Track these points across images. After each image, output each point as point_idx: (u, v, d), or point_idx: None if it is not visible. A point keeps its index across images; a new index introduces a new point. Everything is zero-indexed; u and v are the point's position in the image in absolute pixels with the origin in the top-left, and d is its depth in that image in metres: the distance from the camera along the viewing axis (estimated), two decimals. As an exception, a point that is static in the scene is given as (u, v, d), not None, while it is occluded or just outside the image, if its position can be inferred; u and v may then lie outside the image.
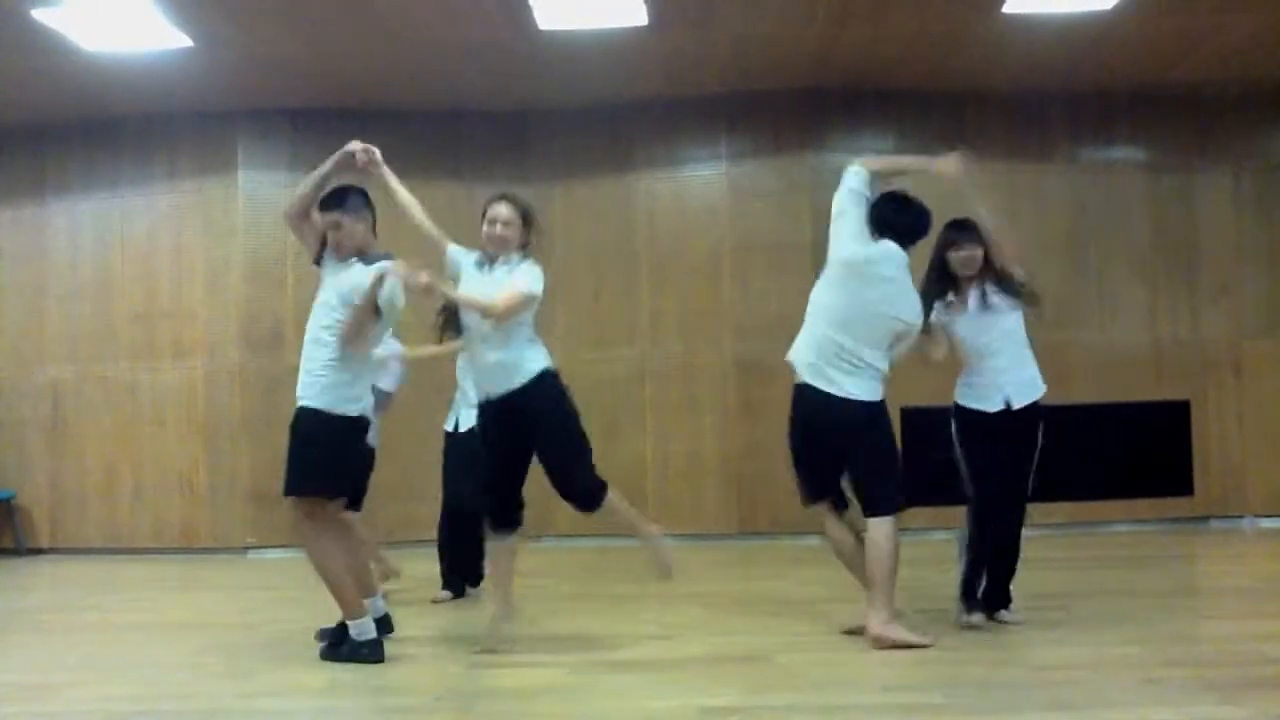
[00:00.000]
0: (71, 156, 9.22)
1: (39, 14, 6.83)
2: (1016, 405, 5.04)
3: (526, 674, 4.42)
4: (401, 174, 9.11)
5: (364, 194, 4.88)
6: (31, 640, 5.59)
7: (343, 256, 4.79)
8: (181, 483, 8.89)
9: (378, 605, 4.94)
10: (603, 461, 8.72)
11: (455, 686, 4.30)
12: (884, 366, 4.83)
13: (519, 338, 4.78)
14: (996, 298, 5.04)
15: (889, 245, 4.85)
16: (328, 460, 4.64)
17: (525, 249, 4.89)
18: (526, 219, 4.89)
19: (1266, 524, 8.87)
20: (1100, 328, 8.94)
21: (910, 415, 8.64)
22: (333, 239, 4.80)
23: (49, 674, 4.67)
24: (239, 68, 8.03)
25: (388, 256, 4.74)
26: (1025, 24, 7.51)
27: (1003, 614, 5.10)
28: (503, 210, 4.86)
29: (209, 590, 7.20)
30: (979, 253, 5.02)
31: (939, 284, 5.09)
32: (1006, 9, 7.24)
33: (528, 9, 6.99)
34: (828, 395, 4.77)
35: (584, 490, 4.81)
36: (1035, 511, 8.74)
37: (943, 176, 4.91)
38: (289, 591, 6.91)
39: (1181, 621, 5.33)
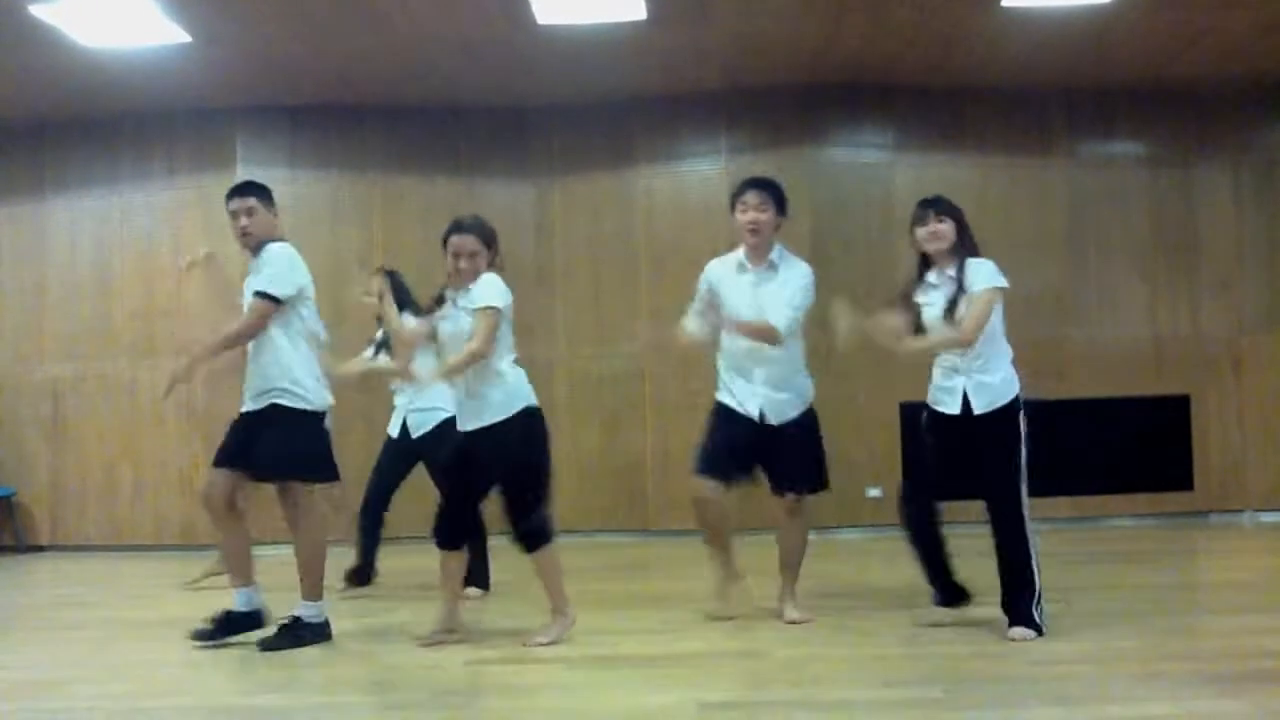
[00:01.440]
0: (70, 153, 9.21)
1: (37, 9, 6.82)
2: (977, 410, 4.70)
3: (526, 670, 4.42)
4: (400, 170, 9.22)
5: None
6: (31, 637, 5.60)
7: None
8: (181, 480, 8.89)
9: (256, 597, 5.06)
10: (603, 458, 8.84)
11: (454, 683, 4.29)
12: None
13: (487, 370, 4.68)
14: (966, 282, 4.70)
15: None
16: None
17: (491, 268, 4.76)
18: (490, 242, 4.76)
19: (1266, 518, 8.87)
20: (1100, 323, 8.94)
21: (910, 410, 8.65)
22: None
23: (49, 671, 4.67)
24: (238, 64, 8.02)
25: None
26: (1024, 18, 7.50)
27: (1013, 631, 4.62)
28: (467, 242, 4.70)
29: (209, 588, 7.18)
30: (943, 227, 4.73)
31: (918, 265, 4.88)
32: (1005, 3, 7.22)
33: (526, 4, 6.98)
34: None
35: (529, 530, 4.77)
36: (1036, 506, 8.70)
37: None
38: (287, 588, 6.90)
39: (1181, 616, 5.33)
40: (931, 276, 4.83)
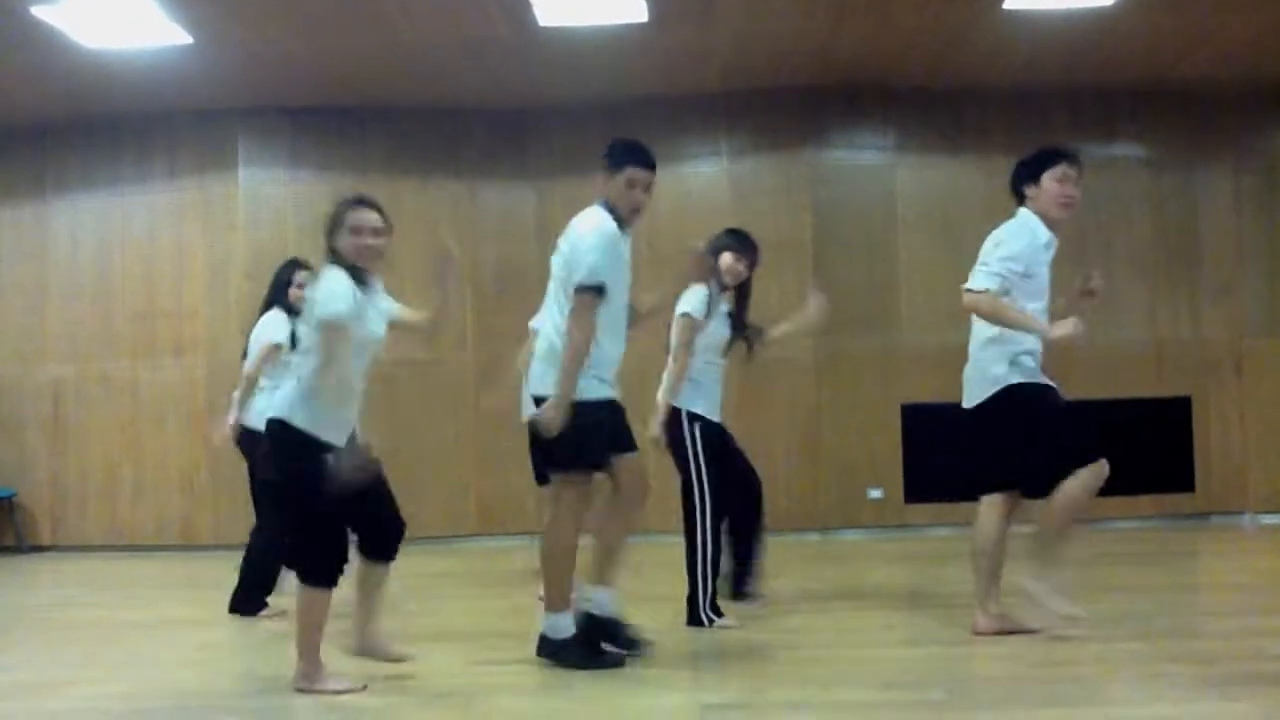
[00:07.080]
0: (71, 154, 9.22)
1: (39, 11, 6.82)
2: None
3: (527, 671, 4.41)
4: (401, 172, 9.21)
5: None
6: (32, 638, 5.60)
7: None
8: (182, 480, 8.89)
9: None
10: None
11: (455, 683, 4.29)
12: None
13: None
14: None
15: None
16: None
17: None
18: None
19: (1267, 520, 8.86)
20: (1101, 325, 8.89)
21: (910, 412, 8.65)
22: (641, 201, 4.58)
23: (49, 671, 4.68)
24: (239, 65, 8.02)
25: None
26: (1026, 20, 7.50)
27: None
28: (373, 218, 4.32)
29: (209, 588, 7.16)
30: None
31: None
32: (1007, 5, 7.22)
33: (528, 5, 6.98)
34: None
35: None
36: (1036, 508, 8.70)
37: None
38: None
39: (1183, 618, 5.33)
40: None
